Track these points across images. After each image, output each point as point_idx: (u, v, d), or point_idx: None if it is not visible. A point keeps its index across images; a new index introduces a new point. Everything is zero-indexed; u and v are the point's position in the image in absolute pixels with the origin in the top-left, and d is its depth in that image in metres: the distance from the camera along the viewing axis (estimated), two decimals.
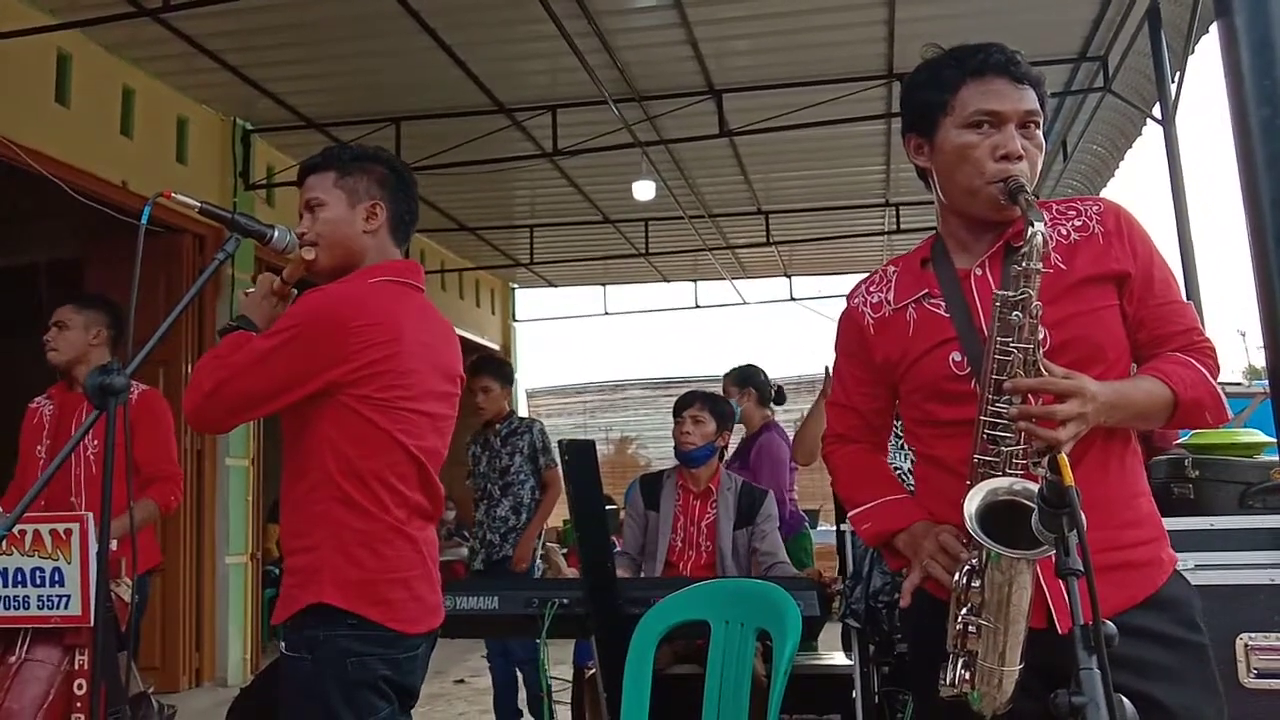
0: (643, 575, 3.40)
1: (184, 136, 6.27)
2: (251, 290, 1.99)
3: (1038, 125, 1.53)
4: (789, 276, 10.96)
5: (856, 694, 2.65)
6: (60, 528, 2.47)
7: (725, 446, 3.55)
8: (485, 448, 4.65)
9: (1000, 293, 1.39)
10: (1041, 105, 1.54)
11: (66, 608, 2.49)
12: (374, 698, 1.78)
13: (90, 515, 2.50)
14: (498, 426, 4.62)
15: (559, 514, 5.95)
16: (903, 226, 8.92)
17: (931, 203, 1.67)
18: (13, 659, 2.53)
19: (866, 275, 1.74)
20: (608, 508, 5.03)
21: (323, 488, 1.82)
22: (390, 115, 6.55)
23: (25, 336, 6.93)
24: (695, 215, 8.57)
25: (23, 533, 2.46)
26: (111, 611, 2.55)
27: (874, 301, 1.67)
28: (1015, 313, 1.37)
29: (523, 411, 11.19)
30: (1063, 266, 1.48)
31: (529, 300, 12.07)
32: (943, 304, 1.56)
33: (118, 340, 3.35)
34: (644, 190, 7.25)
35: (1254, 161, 1.08)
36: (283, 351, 1.79)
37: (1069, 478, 1.09)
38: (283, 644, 1.84)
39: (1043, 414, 1.33)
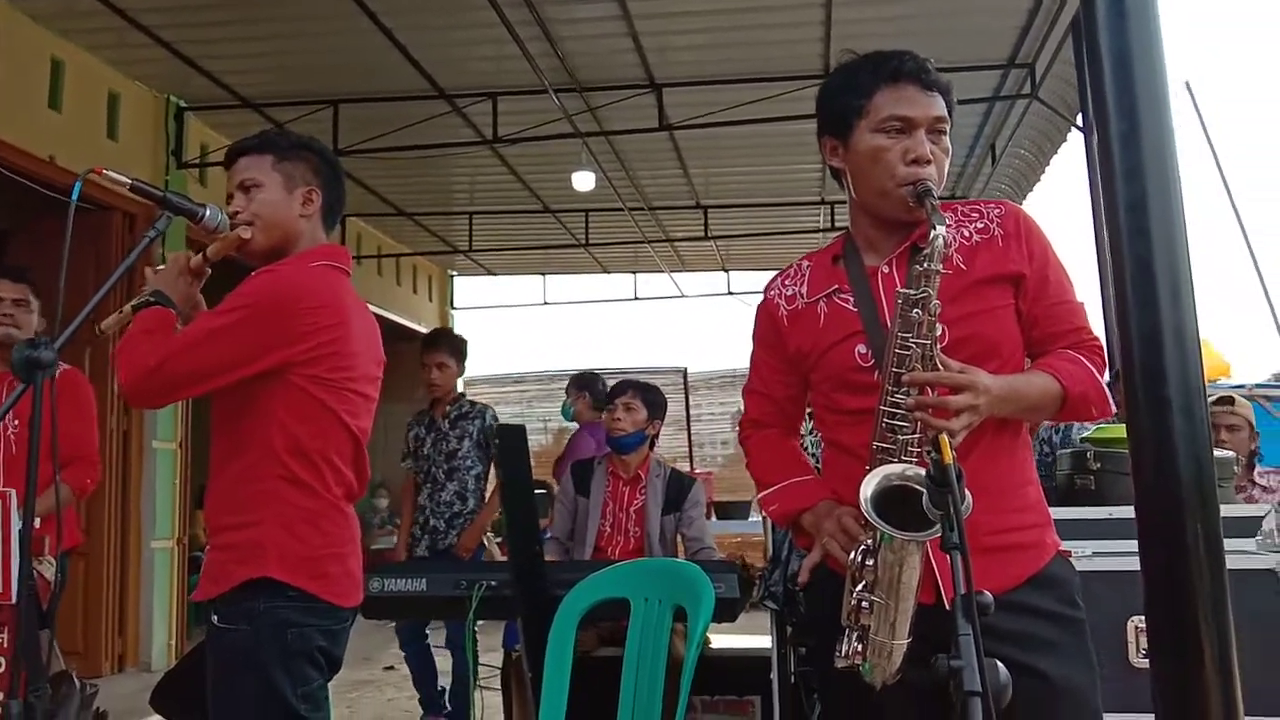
0: (572, 559, 3.46)
1: (115, 112, 6.15)
2: (161, 268, 2.00)
3: (945, 131, 1.61)
4: (727, 271, 11.10)
5: (774, 675, 2.74)
6: None
7: (656, 435, 3.62)
8: (431, 429, 4.46)
9: (902, 291, 1.48)
10: (949, 112, 1.63)
11: None
12: (309, 667, 1.84)
13: (12, 492, 2.47)
14: (447, 409, 4.44)
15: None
16: (837, 225, 9.08)
17: None
18: None
19: (783, 269, 1.82)
20: (539, 492, 5.11)
21: (266, 464, 1.86)
22: (328, 97, 6.50)
23: None
24: (635, 207, 8.64)
25: None
26: (34, 589, 2.53)
27: (788, 294, 1.75)
28: (916, 310, 1.45)
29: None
30: (963, 267, 1.58)
31: (468, 288, 12.06)
32: (851, 299, 1.64)
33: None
34: (584, 181, 7.29)
35: (1112, 170, 1.19)
36: (235, 330, 1.83)
37: (949, 456, 1.18)
38: (214, 617, 1.86)
39: (937, 404, 1.42)
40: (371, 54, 5.92)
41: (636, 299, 11.53)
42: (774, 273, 1.85)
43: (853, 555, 1.45)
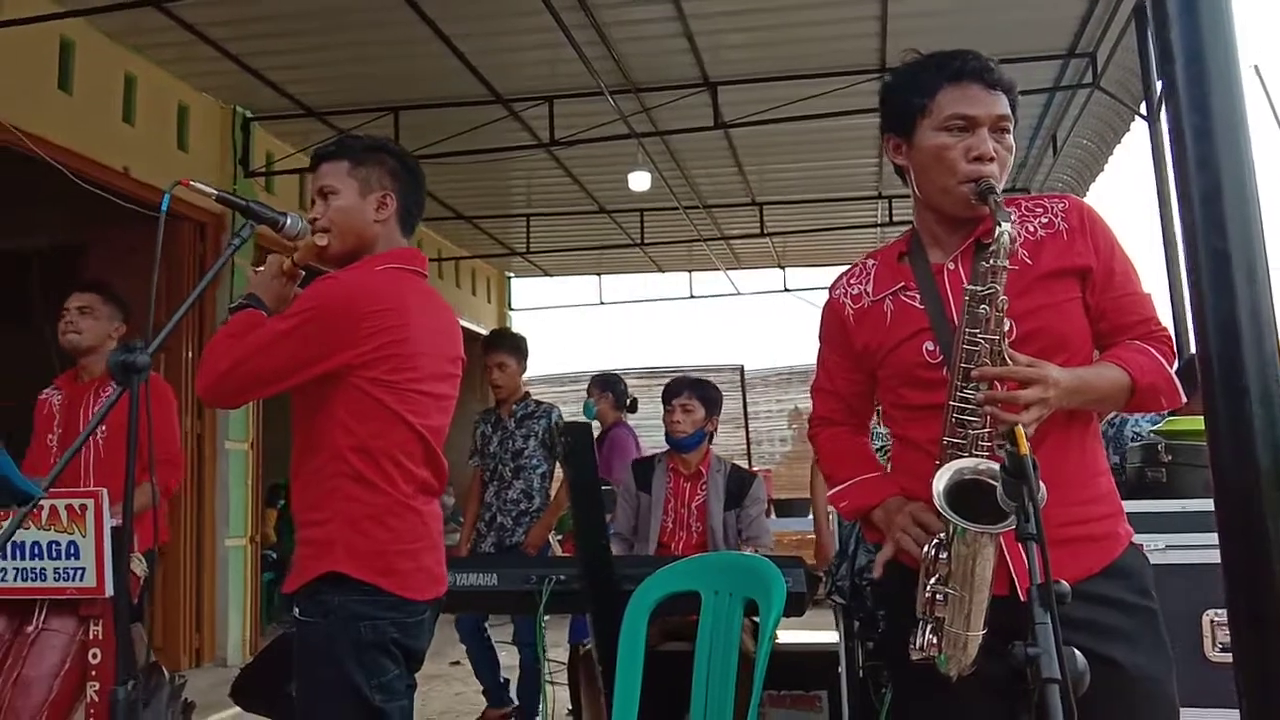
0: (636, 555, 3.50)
1: (185, 124, 6.33)
2: (260, 270, 2.08)
3: (1008, 129, 1.62)
4: (783, 268, 11.07)
5: (842, 670, 2.75)
6: (75, 503, 2.56)
7: (714, 431, 3.65)
8: (497, 428, 4.53)
9: (970, 287, 1.49)
10: (1012, 110, 1.64)
11: (82, 580, 2.58)
12: (383, 659, 1.89)
13: (104, 491, 2.60)
14: (513, 407, 4.51)
15: None
16: (895, 219, 9.02)
17: None
18: (30, 629, 2.62)
19: (847, 268, 1.84)
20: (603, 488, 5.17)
21: (333, 464, 1.92)
22: (389, 105, 6.62)
23: (22, 321, 7.02)
24: (690, 206, 8.66)
25: (40, 508, 2.55)
26: (126, 585, 2.64)
27: (854, 293, 1.77)
28: (983, 306, 1.47)
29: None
30: (1029, 261, 1.59)
31: (525, 289, 12.18)
32: (918, 296, 1.66)
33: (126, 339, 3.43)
34: (640, 181, 7.33)
35: (1185, 162, 1.19)
36: (297, 334, 1.89)
37: (1025, 447, 1.20)
38: (296, 610, 1.93)
39: (1006, 399, 1.43)
40: (431, 61, 6.03)
41: (692, 297, 11.56)
42: (830, 269, 1.88)
43: (926, 549, 1.47)
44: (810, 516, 7.41)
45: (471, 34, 5.75)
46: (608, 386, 5.58)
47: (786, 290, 11.13)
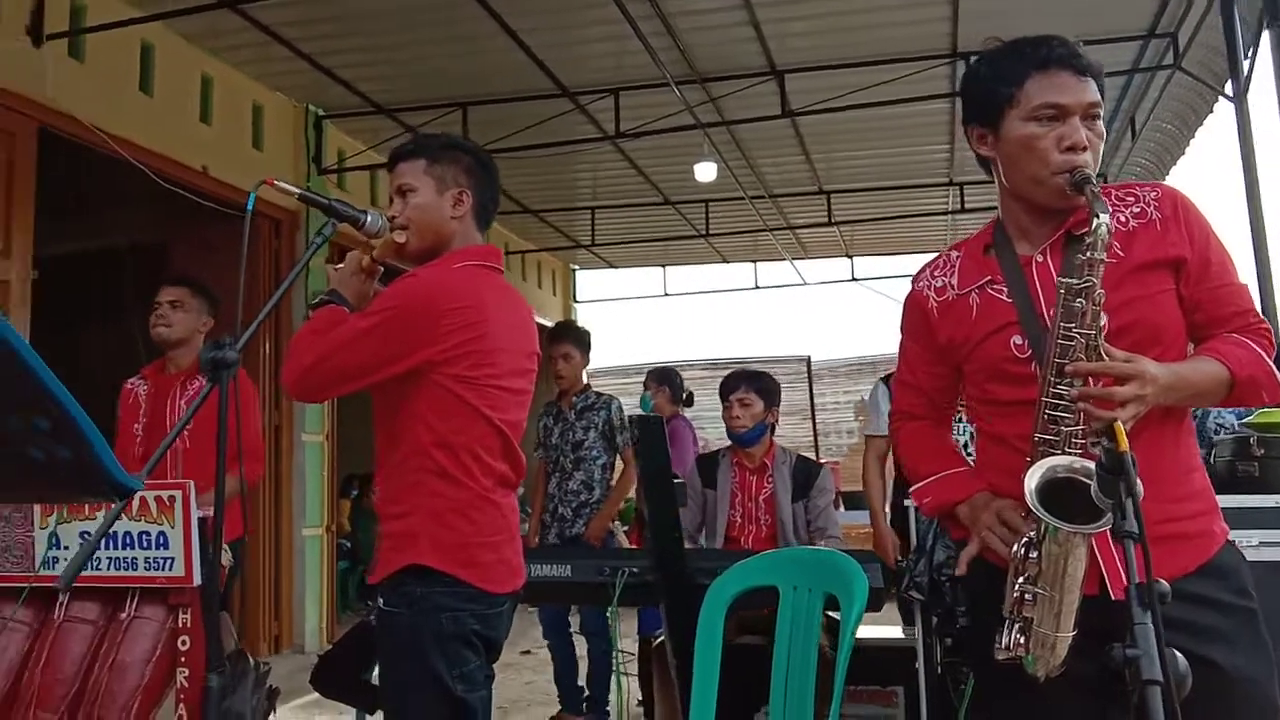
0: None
1: (259, 123, 6.47)
2: (339, 266, 2.12)
3: (1099, 116, 1.58)
4: (850, 257, 10.94)
5: (919, 665, 2.72)
6: (164, 494, 2.63)
7: (775, 422, 3.62)
8: (559, 420, 4.62)
9: (1065, 280, 1.46)
10: (1100, 95, 1.60)
11: (171, 569, 2.66)
12: (465, 649, 1.92)
13: (192, 483, 2.67)
14: (573, 399, 4.58)
15: None
16: (967, 206, 8.85)
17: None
18: (123, 616, 2.71)
19: (931, 259, 1.81)
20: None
21: (416, 458, 1.95)
22: (457, 100, 6.69)
23: (111, 317, 7.26)
24: (756, 196, 8.60)
25: (132, 499, 2.63)
26: (214, 574, 2.72)
27: (938, 285, 1.73)
28: (1079, 300, 1.43)
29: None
30: (1121, 253, 1.54)
31: (589, 281, 12.22)
32: (1005, 290, 1.62)
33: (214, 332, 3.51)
34: (706, 171, 7.30)
35: None
36: (379, 331, 1.92)
37: (1124, 444, 1.16)
38: (380, 600, 1.97)
39: (1102, 395, 1.39)
40: (498, 56, 6.08)
41: (757, 288, 11.49)
42: (899, 258, 1.85)
43: (1015, 548, 1.44)
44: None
45: (538, 28, 5.78)
46: (664, 380, 5.61)
47: (854, 280, 11.01)
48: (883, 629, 3.60)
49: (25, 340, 1.08)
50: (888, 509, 3.76)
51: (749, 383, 3.58)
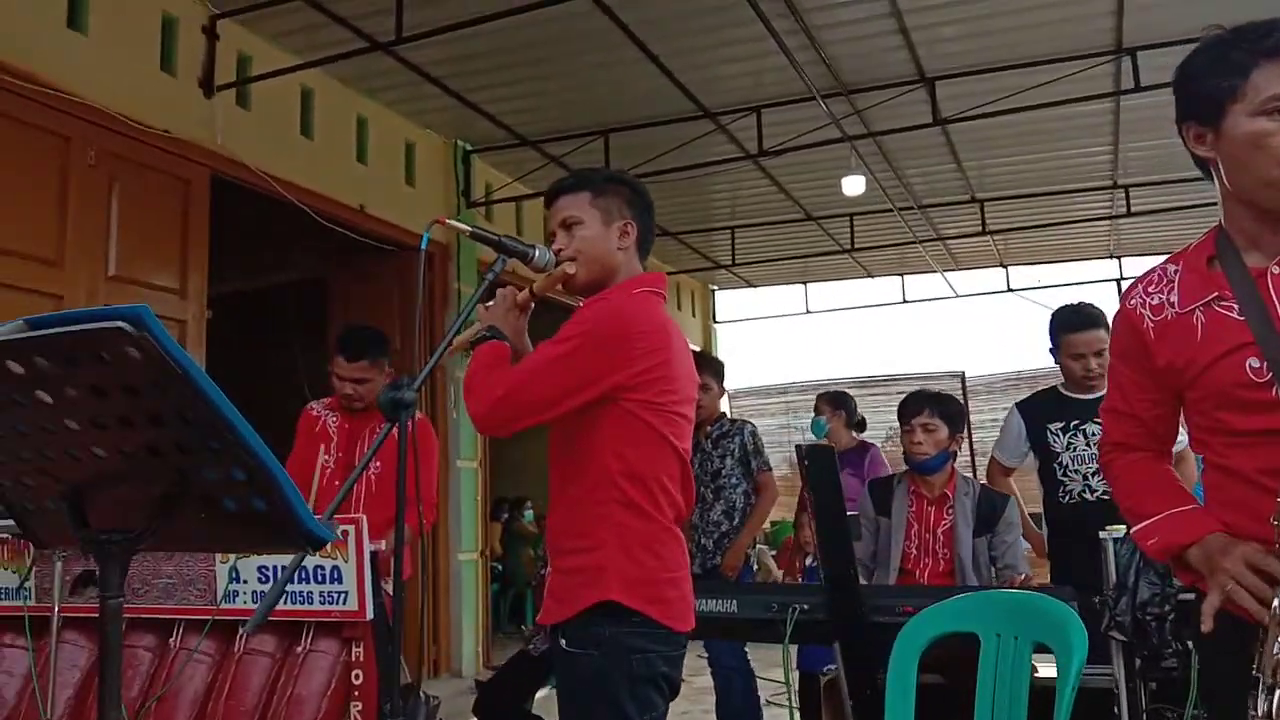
0: (875, 582, 3.33)
1: (411, 160, 6.68)
2: (492, 303, 2.10)
3: None
4: (1005, 266, 10.46)
5: (1122, 709, 2.50)
6: (340, 529, 2.68)
7: (958, 450, 3.41)
8: (695, 450, 4.46)
9: None
10: None
11: (345, 603, 2.70)
12: (654, 694, 1.87)
13: (364, 517, 2.71)
14: (708, 428, 4.53)
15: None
16: (1134, 209, 8.34)
17: (1167, 182, 1.57)
18: (299, 649, 2.77)
19: (1144, 274, 1.64)
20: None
21: (602, 489, 1.91)
22: (600, 128, 6.75)
23: (277, 350, 7.62)
24: (904, 207, 8.34)
25: None
26: (383, 607, 2.75)
27: (1154, 303, 1.57)
28: None
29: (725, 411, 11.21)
30: None
31: (728, 301, 12.12)
32: (1235, 307, 1.46)
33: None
34: (854, 185, 7.11)
35: None
36: (572, 357, 1.89)
37: None
38: (562, 640, 1.92)
39: None
40: (640, 82, 6.09)
41: (905, 302, 11.13)
42: (1057, 266, 1.68)
43: (1277, 603, 1.27)
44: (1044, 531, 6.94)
45: (679, 51, 5.76)
46: (841, 404, 5.31)
47: (1010, 290, 10.52)
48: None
49: (223, 395, 1.07)
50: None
51: (933, 406, 3.36)
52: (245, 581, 2.83)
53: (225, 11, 5.13)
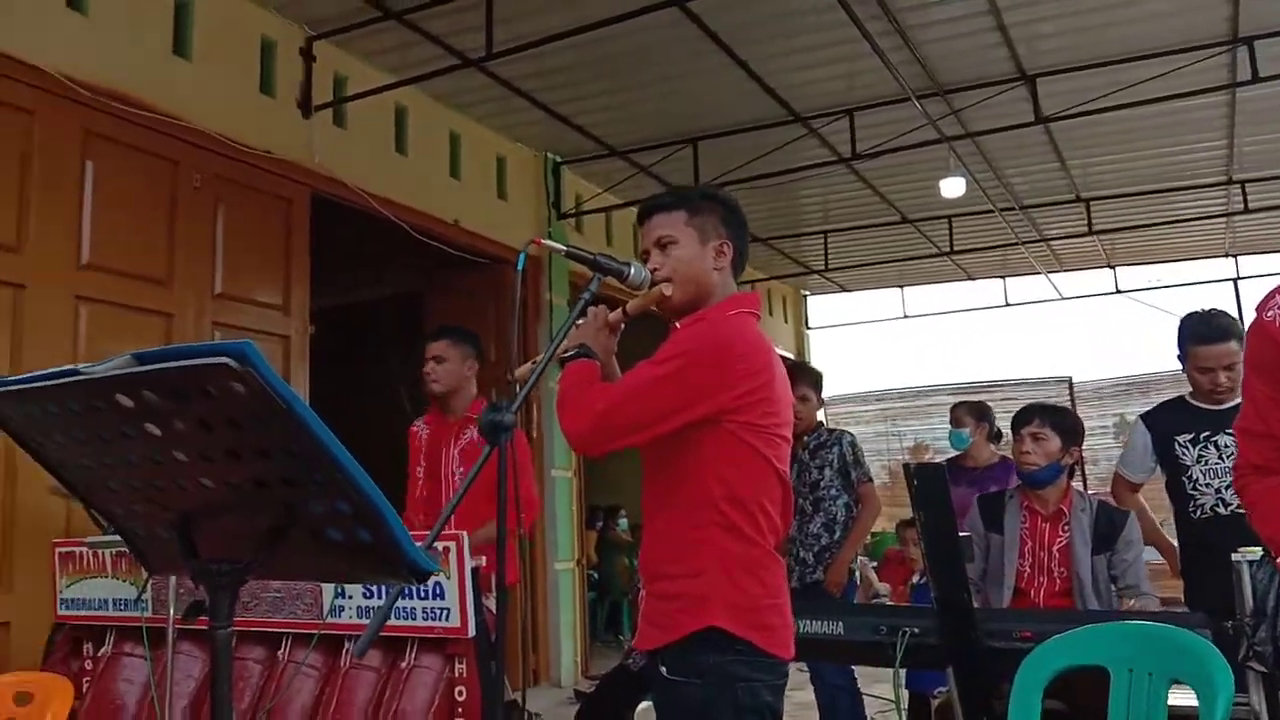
0: (988, 602, 3.20)
1: (503, 173, 6.75)
2: (583, 322, 2.07)
3: None
4: (1113, 267, 10.06)
5: None
6: (440, 545, 2.69)
7: (1075, 464, 3.25)
8: (793, 460, 4.32)
9: None
10: None
11: (447, 619, 2.71)
12: None
13: (465, 534, 2.72)
14: (805, 439, 4.40)
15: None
16: (1251, 206, 7.92)
17: None
18: (403, 665, 2.79)
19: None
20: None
21: (704, 512, 1.86)
22: (688, 136, 6.71)
23: (376, 363, 7.79)
24: (1005, 208, 8.08)
25: None
26: (485, 624, 2.75)
27: None
28: None
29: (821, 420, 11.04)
30: None
31: (821, 306, 11.93)
32: None
33: (481, 366, 3.65)
34: (953, 187, 6.92)
35: None
36: (674, 378, 1.85)
37: None
38: (663, 667, 1.87)
39: None
40: (728, 88, 6.03)
41: (1007, 305, 10.79)
42: (1168, 265, 1.56)
43: None
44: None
45: (768, 56, 5.69)
46: (983, 416, 4.95)
47: (1119, 292, 10.10)
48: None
49: (327, 428, 1.06)
50: None
51: (1045, 416, 3.21)
52: (350, 597, 2.87)
53: (321, 33, 5.26)
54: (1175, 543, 3.45)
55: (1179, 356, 3.29)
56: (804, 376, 4.49)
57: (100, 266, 4.24)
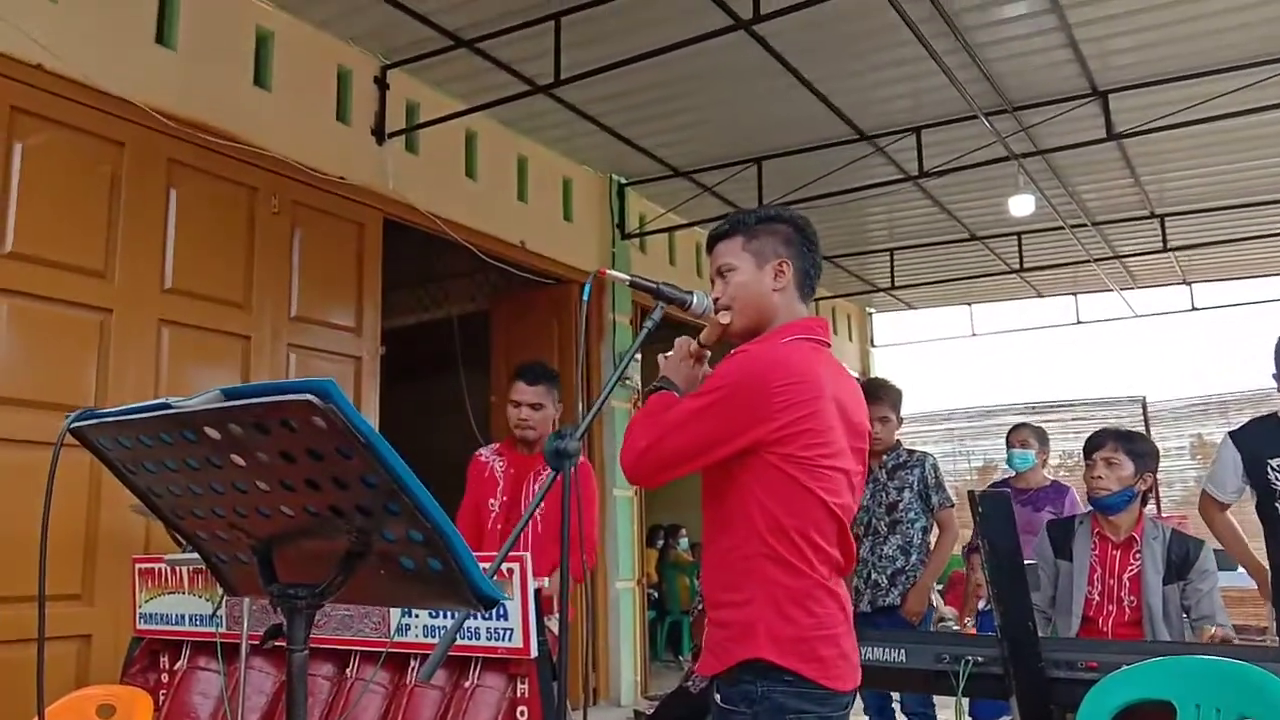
0: (1055, 630, 3.15)
1: (568, 195, 6.84)
2: (669, 354, 2.10)
3: None
4: (1188, 284, 9.78)
5: None
6: (505, 567, 2.74)
7: (1148, 491, 3.18)
8: (870, 480, 4.32)
9: None
10: None
11: (510, 640, 2.75)
12: None
13: (528, 554, 2.76)
14: (884, 458, 4.34)
15: None
16: None
17: None
18: (467, 684, 2.84)
19: None
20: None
21: (750, 543, 1.87)
22: (752, 155, 6.73)
23: (441, 380, 7.92)
24: (1076, 225, 7.93)
25: None
26: (547, 645, 2.79)
27: None
28: None
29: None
30: None
31: (886, 324, 11.81)
32: None
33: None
34: (1022, 205, 6.81)
35: None
36: (711, 411, 1.86)
37: None
38: (718, 696, 1.89)
39: None
40: (793, 108, 6.04)
41: (1079, 323, 10.54)
42: (1247, 282, 1.53)
43: None
44: (1239, 570, 6.36)
45: (833, 75, 5.69)
46: (1047, 440, 4.96)
47: (1194, 309, 9.82)
48: None
49: (402, 461, 1.11)
50: None
51: (1118, 441, 3.15)
52: (416, 616, 2.93)
53: (395, 62, 5.40)
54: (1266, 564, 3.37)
55: (1275, 375, 3.20)
56: (884, 397, 4.37)
57: (182, 291, 4.41)
